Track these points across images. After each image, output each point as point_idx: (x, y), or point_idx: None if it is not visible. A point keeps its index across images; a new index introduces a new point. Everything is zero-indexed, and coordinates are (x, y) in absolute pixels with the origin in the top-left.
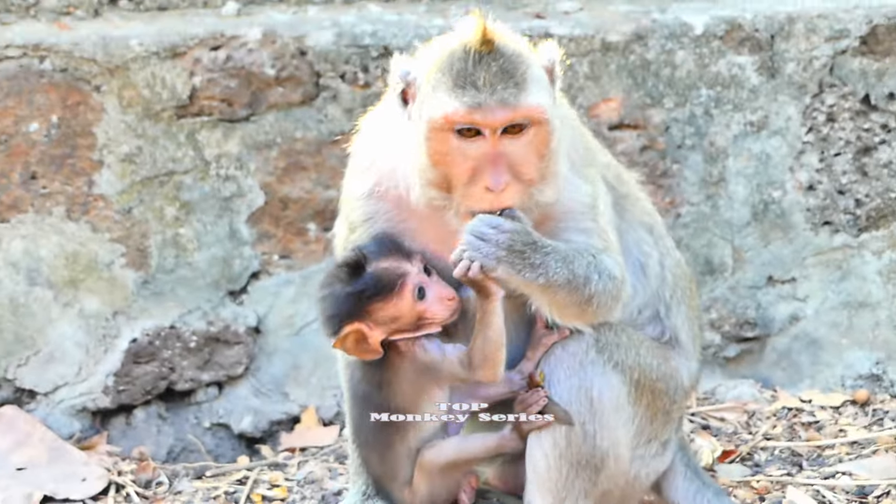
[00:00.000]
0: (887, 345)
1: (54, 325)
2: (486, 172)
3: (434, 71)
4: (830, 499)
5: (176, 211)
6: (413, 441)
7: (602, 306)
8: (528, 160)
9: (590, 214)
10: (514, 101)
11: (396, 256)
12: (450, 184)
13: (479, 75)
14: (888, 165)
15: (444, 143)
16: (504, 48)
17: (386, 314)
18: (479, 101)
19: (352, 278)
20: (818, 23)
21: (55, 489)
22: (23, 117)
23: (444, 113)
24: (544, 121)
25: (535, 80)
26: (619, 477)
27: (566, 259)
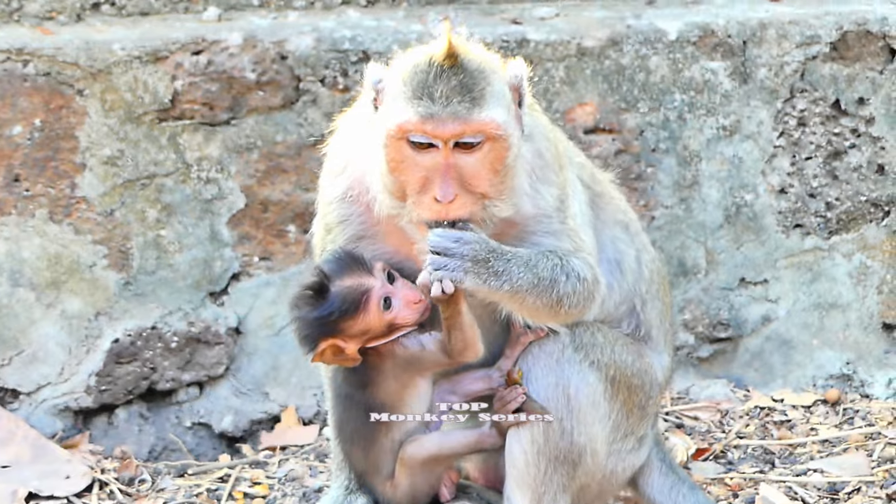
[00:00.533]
0: (857, 345)
1: (37, 326)
2: (435, 184)
3: (398, 80)
4: (802, 495)
5: (157, 213)
6: (397, 435)
7: (573, 307)
8: (480, 175)
9: (557, 217)
10: (467, 115)
11: (358, 272)
12: (404, 192)
13: (437, 88)
14: (858, 169)
15: (399, 152)
16: (468, 63)
17: (356, 329)
18: (431, 113)
19: (318, 301)
20: (789, 29)
21: (39, 486)
22: (6, 120)
23: (398, 122)
24: (499, 137)
25: (493, 97)
26: (597, 472)
27: (528, 264)
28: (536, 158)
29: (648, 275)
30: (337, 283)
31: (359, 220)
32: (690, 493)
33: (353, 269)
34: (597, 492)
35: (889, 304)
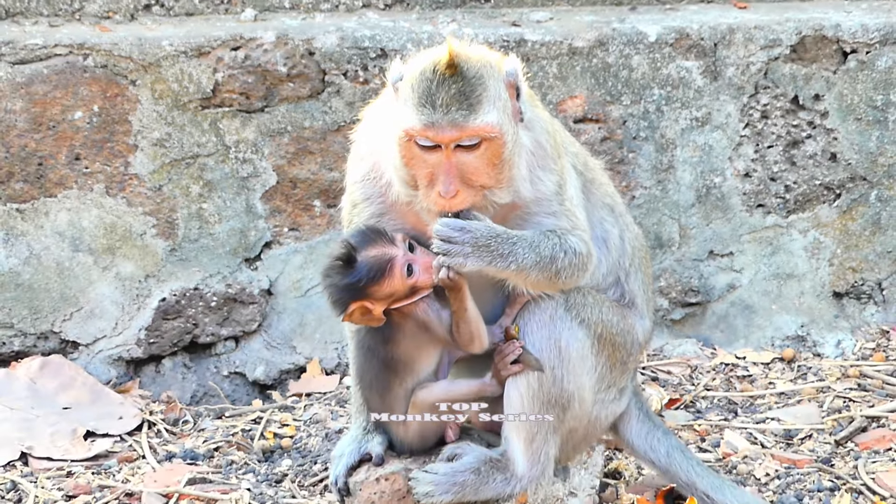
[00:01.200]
0: (811, 311)
1: (94, 286)
2: (439, 180)
3: (408, 84)
4: (761, 440)
5: (200, 189)
6: (410, 384)
7: (569, 278)
8: (479, 170)
9: (556, 200)
10: (464, 122)
11: (381, 243)
12: (416, 183)
13: (439, 96)
14: (813, 157)
15: (409, 150)
16: (466, 71)
17: (382, 293)
18: (433, 121)
19: (346, 270)
20: (755, 33)
21: (96, 426)
22: (69, 107)
23: (406, 127)
24: (494, 138)
25: (489, 101)
26: (583, 417)
27: (532, 244)
28: (538, 149)
29: (631, 251)
30: (363, 253)
31: (379, 200)
32: (664, 438)
33: (377, 241)
34: (583, 435)
35: (839, 275)
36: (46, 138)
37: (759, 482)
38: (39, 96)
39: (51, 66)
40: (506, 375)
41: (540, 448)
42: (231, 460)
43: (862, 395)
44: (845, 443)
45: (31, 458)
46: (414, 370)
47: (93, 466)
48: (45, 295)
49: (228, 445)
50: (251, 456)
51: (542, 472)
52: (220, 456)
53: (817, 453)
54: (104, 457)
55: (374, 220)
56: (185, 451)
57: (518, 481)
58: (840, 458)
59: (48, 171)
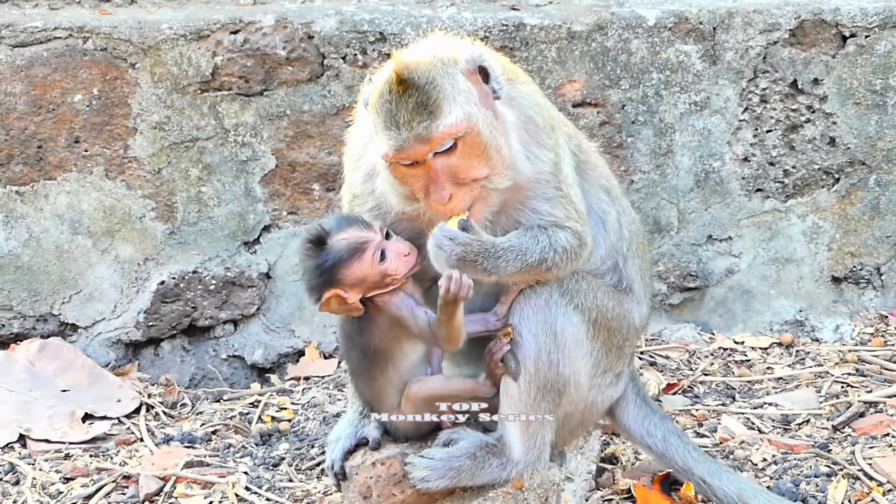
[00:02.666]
0: (809, 296)
1: (93, 269)
2: (431, 190)
3: (373, 111)
4: (758, 425)
5: (199, 172)
6: (392, 375)
7: (560, 271)
8: (466, 167)
9: (553, 182)
10: (428, 133)
11: (356, 227)
12: (414, 195)
13: (399, 115)
14: (812, 141)
15: (397, 171)
16: (418, 80)
17: (353, 277)
18: (400, 143)
19: (317, 252)
20: (754, 17)
21: (94, 408)
22: (68, 89)
23: (381, 153)
24: (466, 132)
25: (449, 100)
26: (579, 402)
27: (519, 253)
28: (528, 124)
29: (628, 235)
30: (335, 237)
31: (378, 198)
32: (661, 423)
33: (351, 226)
34: (579, 420)
35: (837, 260)
36: (46, 121)
37: (755, 467)
38: (39, 79)
39: (51, 49)
40: (499, 375)
41: (536, 433)
42: (228, 443)
43: (860, 381)
44: (843, 428)
45: (29, 441)
46: (393, 361)
47: (90, 449)
48: (44, 277)
49: (226, 429)
50: (249, 439)
51: (538, 457)
52: (218, 439)
53: (814, 438)
54: (102, 439)
55: (375, 210)
56: (182, 434)
57: (514, 466)
58: (837, 443)
59: (48, 154)
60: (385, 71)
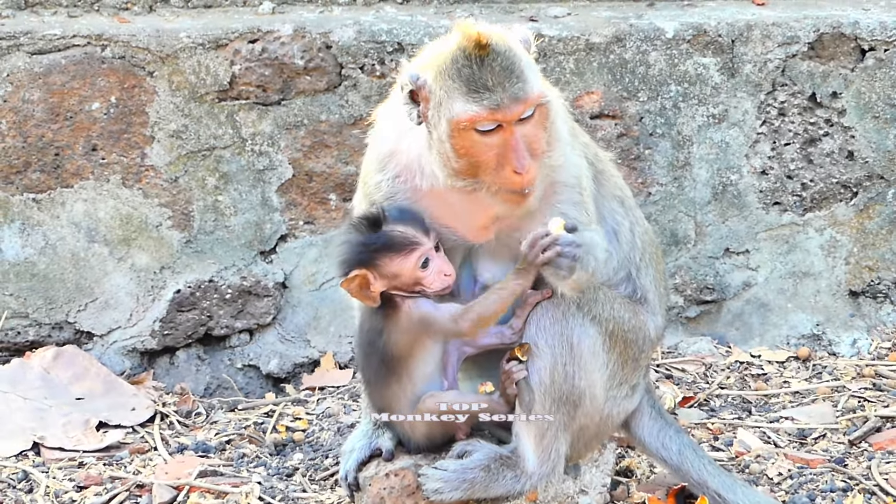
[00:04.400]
0: (826, 309)
1: (109, 277)
2: (510, 158)
3: (443, 78)
4: (774, 439)
5: (216, 181)
6: (408, 385)
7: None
8: (538, 138)
9: (577, 188)
10: (524, 94)
11: (414, 226)
12: (476, 171)
13: (488, 78)
14: (830, 155)
15: (468, 139)
16: (497, 47)
17: (389, 270)
18: (496, 103)
19: (368, 232)
20: (772, 30)
21: (109, 416)
22: (86, 97)
23: (468, 116)
24: (546, 102)
25: (530, 68)
26: (594, 414)
27: (592, 247)
28: (568, 119)
29: (641, 245)
30: (392, 225)
31: (404, 198)
32: (676, 436)
33: (411, 223)
34: (594, 433)
35: (855, 274)
36: (64, 129)
37: (771, 482)
38: (57, 87)
39: (69, 56)
40: (512, 395)
41: (550, 445)
42: (243, 453)
43: (877, 395)
44: (859, 443)
45: (43, 449)
46: (409, 369)
47: (104, 457)
48: (60, 285)
49: (240, 438)
50: (263, 449)
51: (552, 470)
52: (232, 449)
53: (831, 453)
54: (116, 448)
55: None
56: (196, 443)
57: (528, 478)
58: (853, 458)
59: (65, 162)
60: (449, 42)
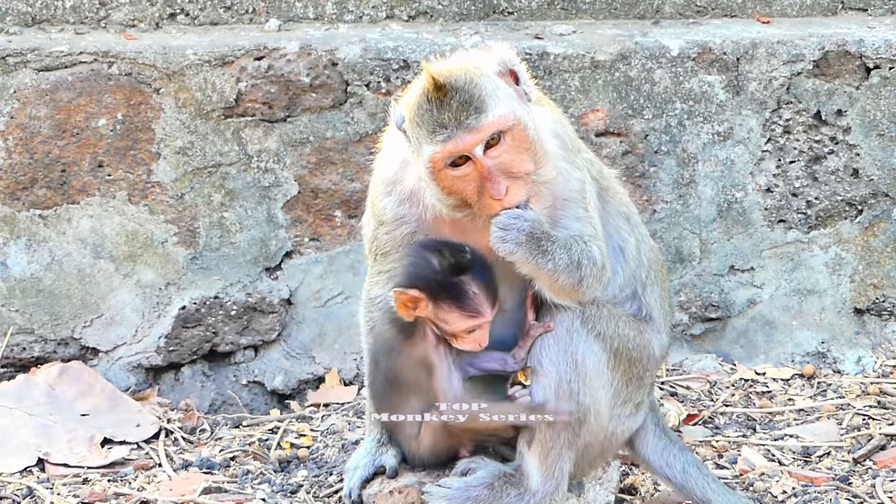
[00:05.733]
0: (831, 327)
1: (115, 293)
2: (487, 187)
3: (412, 124)
4: (779, 457)
5: (222, 198)
6: (416, 403)
7: (589, 287)
8: (516, 160)
9: (581, 203)
10: (477, 124)
11: (488, 293)
12: (466, 202)
13: (444, 116)
14: (835, 172)
15: (446, 177)
16: (455, 84)
17: (444, 314)
18: (448, 136)
19: (449, 271)
20: (777, 48)
21: (113, 433)
22: (93, 114)
23: (430, 159)
24: (513, 125)
25: (492, 96)
26: (599, 432)
27: (566, 247)
28: (557, 139)
29: (647, 262)
30: (471, 280)
31: (414, 220)
32: (680, 454)
33: (488, 288)
34: (598, 451)
35: (860, 292)
36: (70, 145)
37: (775, 499)
38: (64, 103)
39: (75, 73)
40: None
41: (554, 463)
42: (247, 470)
43: (881, 413)
44: (863, 461)
45: (48, 465)
46: (417, 393)
47: (109, 474)
48: (65, 301)
49: (245, 455)
50: (267, 466)
51: (556, 487)
52: (237, 465)
53: (835, 471)
54: (121, 464)
55: (406, 238)
56: (201, 459)
57: (532, 496)
58: (858, 476)
59: (71, 178)
60: (417, 85)
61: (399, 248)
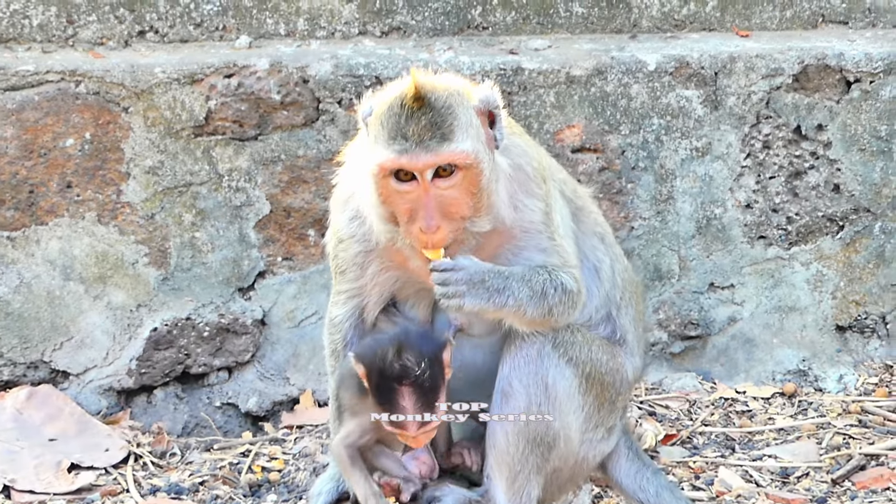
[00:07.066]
0: (813, 345)
1: (85, 315)
2: (420, 215)
3: (376, 121)
4: (757, 478)
5: (193, 217)
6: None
7: (560, 315)
8: (458, 201)
9: (546, 233)
10: (438, 148)
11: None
12: (395, 219)
13: (409, 128)
14: (816, 188)
15: (386, 187)
16: (435, 102)
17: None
18: (405, 149)
19: (392, 371)
20: (756, 62)
21: (81, 458)
22: (60, 133)
23: (379, 161)
24: (469, 165)
25: (462, 129)
26: (569, 457)
27: (523, 278)
28: (518, 172)
29: (622, 283)
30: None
31: (364, 239)
32: (654, 477)
33: (422, 406)
34: (568, 476)
35: (841, 309)
36: (38, 165)
37: None
38: (31, 123)
39: (42, 92)
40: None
41: (522, 488)
42: (216, 494)
43: (862, 432)
44: (842, 482)
45: (14, 492)
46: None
47: (75, 500)
48: (35, 324)
49: (214, 479)
50: (237, 490)
51: None
52: (206, 490)
53: (813, 492)
54: (87, 490)
55: (360, 257)
56: (170, 484)
57: None
58: (836, 497)
59: (39, 199)
60: (397, 87)
61: (353, 267)
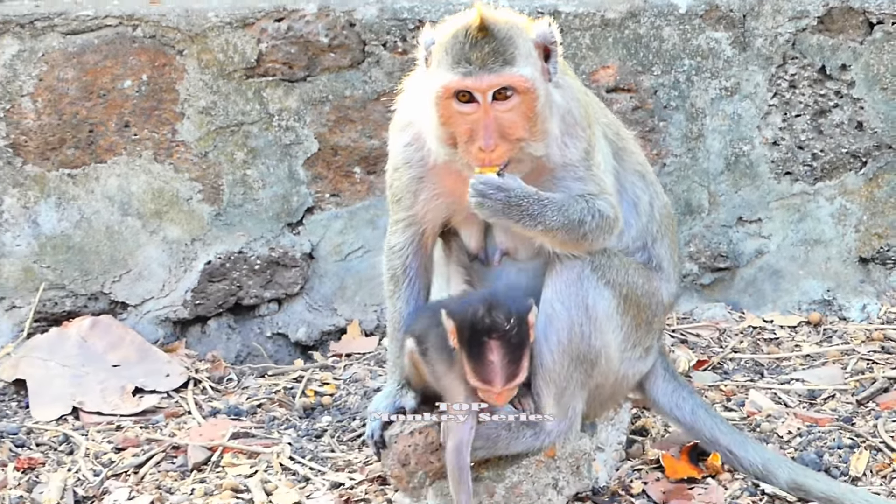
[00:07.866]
0: (837, 276)
1: (142, 249)
2: (480, 134)
3: (440, 49)
4: (785, 400)
5: (244, 155)
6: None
7: (595, 240)
8: (515, 123)
9: (584, 165)
10: (499, 70)
11: (504, 367)
12: (455, 141)
13: (473, 54)
14: (840, 126)
15: (448, 109)
16: (497, 32)
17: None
18: (469, 72)
19: (483, 327)
20: (783, 4)
21: (144, 382)
22: (118, 76)
23: (443, 83)
24: (528, 89)
25: (521, 57)
26: (610, 374)
27: (561, 207)
28: (567, 115)
29: (659, 218)
30: (497, 349)
31: (419, 165)
32: (689, 397)
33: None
34: (610, 392)
35: (864, 241)
36: (97, 106)
37: (781, 440)
38: (90, 66)
39: (101, 36)
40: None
41: (568, 403)
42: (273, 416)
43: (885, 358)
44: (866, 403)
45: (83, 413)
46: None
47: (141, 421)
48: (95, 257)
49: (271, 402)
50: (292, 412)
51: (569, 427)
52: (263, 412)
53: (839, 412)
54: (152, 412)
55: (413, 184)
56: (229, 407)
57: (547, 436)
58: (861, 416)
59: (98, 138)
60: (461, 18)
61: (407, 194)
